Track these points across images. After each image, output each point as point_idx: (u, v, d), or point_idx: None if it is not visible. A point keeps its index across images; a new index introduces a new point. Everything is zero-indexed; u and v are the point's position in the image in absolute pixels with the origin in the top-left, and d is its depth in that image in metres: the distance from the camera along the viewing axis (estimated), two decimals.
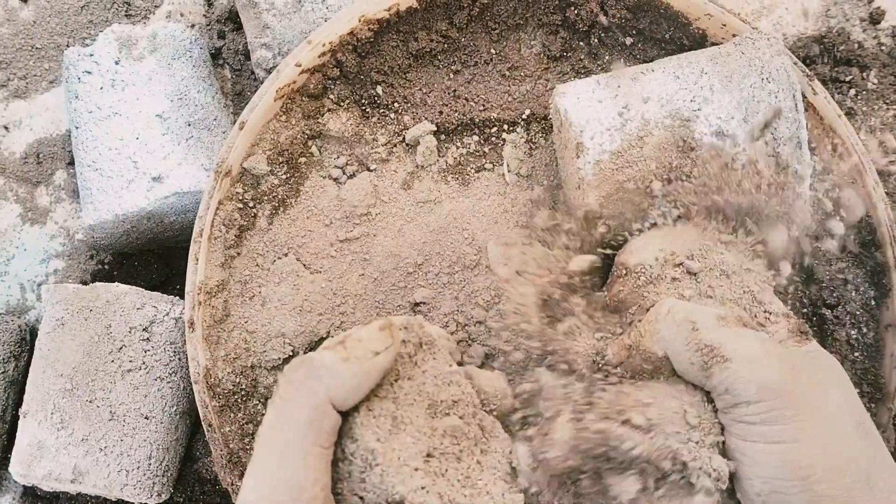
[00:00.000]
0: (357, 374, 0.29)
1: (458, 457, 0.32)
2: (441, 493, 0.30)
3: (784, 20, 0.56)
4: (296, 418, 0.28)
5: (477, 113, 0.47)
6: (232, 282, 0.45)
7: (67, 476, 0.45)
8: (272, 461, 0.28)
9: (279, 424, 0.29)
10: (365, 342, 0.30)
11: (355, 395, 0.30)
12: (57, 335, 0.47)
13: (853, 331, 0.45)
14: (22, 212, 0.56)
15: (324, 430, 0.29)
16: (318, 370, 0.29)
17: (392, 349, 0.31)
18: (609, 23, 0.47)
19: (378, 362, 0.30)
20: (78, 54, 0.50)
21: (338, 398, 0.29)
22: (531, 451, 0.34)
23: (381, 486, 0.29)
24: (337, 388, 0.29)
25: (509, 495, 0.32)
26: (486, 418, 0.34)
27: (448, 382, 0.33)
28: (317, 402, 0.29)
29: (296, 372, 0.29)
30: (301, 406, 0.28)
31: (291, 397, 0.29)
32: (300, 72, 0.45)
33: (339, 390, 0.29)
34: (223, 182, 0.45)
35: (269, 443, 0.29)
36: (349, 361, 0.29)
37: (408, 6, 0.46)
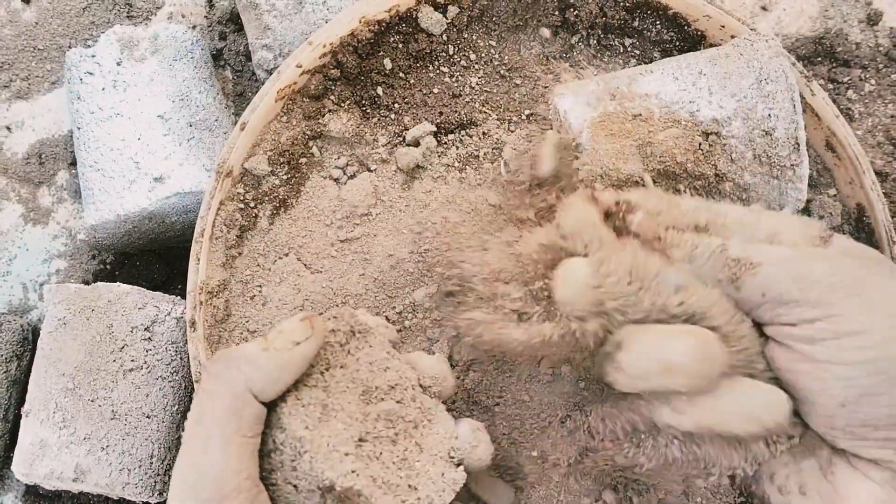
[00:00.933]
0: (277, 364, 0.30)
1: (393, 440, 0.33)
2: (374, 476, 0.31)
3: (782, 21, 0.56)
4: (216, 409, 0.29)
5: (477, 114, 0.47)
6: (233, 282, 0.45)
7: (69, 475, 0.45)
8: (195, 452, 0.28)
9: (200, 416, 0.29)
10: (285, 333, 0.31)
11: (276, 384, 0.30)
12: (59, 335, 0.47)
13: None
14: (24, 212, 0.57)
15: (245, 419, 0.29)
16: (236, 360, 0.29)
17: (314, 339, 0.31)
18: (608, 24, 0.47)
19: (299, 352, 0.30)
20: (80, 55, 0.51)
21: (258, 388, 0.29)
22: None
23: (311, 473, 0.30)
24: (256, 377, 0.29)
25: (449, 474, 0.33)
26: (427, 401, 0.35)
27: (384, 368, 0.34)
28: (236, 391, 0.29)
29: (216, 364, 0.30)
30: (221, 396, 0.29)
31: (211, 389, 0.29)
32: (301, 73, 0.45)
33: (258, 380, 0.29)
34: (224, 182, 0.45)
35: (193, 435, 0.29)
36: (269, 351, 0.30)
37: (408, 7, 0.46)
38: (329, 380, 0.32)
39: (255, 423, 0.30)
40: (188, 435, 0.29)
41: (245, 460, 0.29)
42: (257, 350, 0.30)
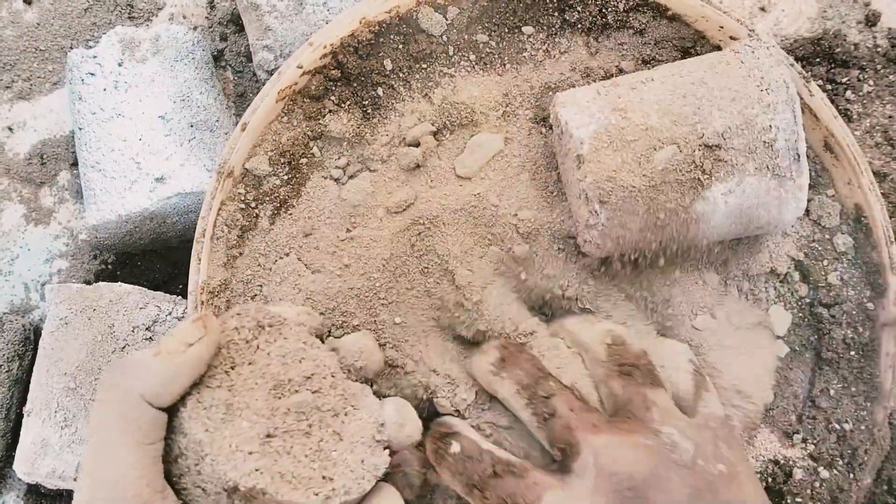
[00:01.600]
0: (168, 368, 0.29)
1: (306, 432, 0.32)
2: (282, 472, 0.30)
3: (781, 22, 0.57)
4: (108, 418, 0.28)
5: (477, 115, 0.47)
6: (234, 281, 0.45)
7: (71, 474, 0.46)
8: (92, 462, 0.28)
9: (95, 426, 0.29)
10: (177, 335, 0.30)
11: (170, 388, 0.29)
12: (60, 334, 0.47)
13: (849, 330, 0.45)
14: (26, 212, 0.57)
15: (141, 427, 0.28)
16: (126, 368, 0.29)
17: (207, 340, 0.30)
18: (608, 24, 0.47)
19: (192, 354, 0.30)
20: (81, 56, 0.51)
21: (150, 394, 0.29)
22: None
23: (214, 476, 0.29)
24: (147, 383, 0.29)
25: (370, 460, 0.33)
26: (351, 386, 0.35)
27: (299, 359, 0.34)
28: (127, 399, 0.28)
29: (108, 373, 0.29)
30: (112, 405, 0.28)
31: (104, 398, 0.29)
32: (301, 73, 0.45)
33: (149, 385, 0.29)
34: (225, 183, 0.45)
35: (91, 444, 0.29)
36: (159, 356, 0.29)
37: (408, 8, 0.46)
38: (235, 378, 0.32)
39: (152, 429, 0.29)
40: (88, 444, 0.29)
41: (144, 467, 0.28)
42: (148, 356, 0.29)
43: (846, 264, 0.46)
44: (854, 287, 0.46)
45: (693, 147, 0.39)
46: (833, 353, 0.45)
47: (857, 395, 0.45)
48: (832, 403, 0.45)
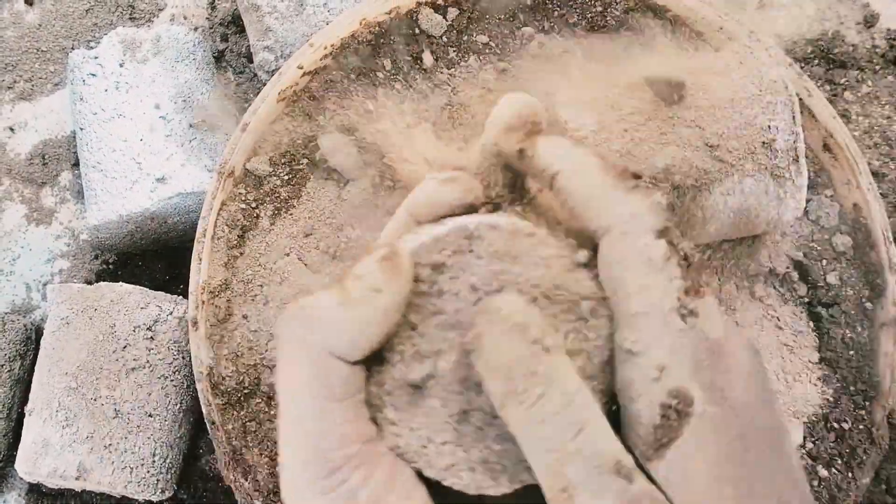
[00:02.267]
0: (357, 321, 0.25)
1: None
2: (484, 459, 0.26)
3: (780, 22, 0.57)
4: (300, 376, 0.25)
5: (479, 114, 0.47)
6: (235, 281, 0.45)
7: (72, 473, 0.46)
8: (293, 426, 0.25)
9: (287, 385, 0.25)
10: (364, 279, 0.25)
11: (363, 344, 0.25)
12: (62, 334, 0.47)
13: (848, 330, 0.46)
14: (27, 212, 0.57)
15: (334, 386, 0.25)
16: (311, 320, 0.25)
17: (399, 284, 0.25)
18: (608, 25, 0.47)
19: (382, 304, 0.25)
20: (82, 57, 0.51)
21: (339, 350, 0.25)
22: None
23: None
24: (335, 339, 0.25)
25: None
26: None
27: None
28: (314, 358, 0.25)
29: (290, 324, 0.25)
30: (301, 362, 0.25)
31: (288, 353, 0.25)
32: (302, 74, 0.46)
33: (338, 342, 0.25)
34: (226, 183, 0.45)
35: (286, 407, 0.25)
36: (346, 305, 0.24)
37: (408, 9, 0.46)
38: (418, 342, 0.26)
39: (345, 386, 0.25)
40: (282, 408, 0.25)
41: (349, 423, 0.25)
42: (333, 304, 0.24)
43: (845, 264, 0.46)
44: (853, 287, 0.46)
45: (692, 147, 0.39)
46: (832, 353, 0.46)
47: (856, 394, 0.45)
48: (831, 403, 0.45)
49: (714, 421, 0.25)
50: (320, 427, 0.24)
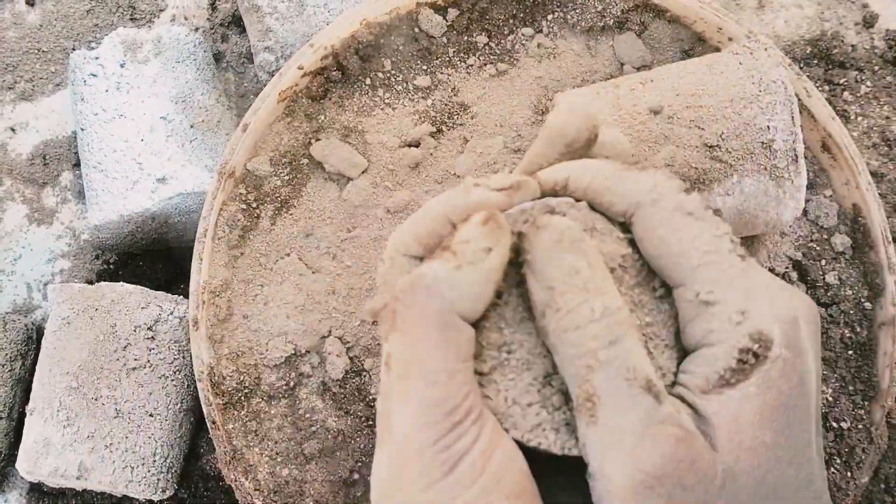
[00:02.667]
0: (475, 280, 0.27)
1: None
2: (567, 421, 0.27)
3: (779, 23, 0.57)
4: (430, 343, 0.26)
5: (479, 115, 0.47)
6: (235, 281, 0.45)
7: (73, 473, 0.46)
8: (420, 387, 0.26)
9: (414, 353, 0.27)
10: (473, 243, 0.27)
11: (481, 301, 0.27)
12: (63, 334, 0.47)
13: (847, 329, 0.46)
14: (28, 212, 0.57)
15: (462, 345, 0.27)
16: (436, 287, 0.26)
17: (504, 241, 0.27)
18: (607, 25, 0.47)
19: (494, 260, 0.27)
20: (84, 57, 0.51)
21: (464, 310, 0.27)
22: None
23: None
24: (460, 300, 0.26)
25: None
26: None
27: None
28: (445, 320, 0.26)
29: (412, 294, 0.27)
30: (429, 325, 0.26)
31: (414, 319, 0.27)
32: (302, 74, 0.46)
33: (462, 302, 0.26)
34: (226, 183, 0.45)
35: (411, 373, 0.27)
36: (463, 268, 0.26)
37: (408, 9, 0.46)
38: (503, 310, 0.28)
39: (469, 346, 0.27)
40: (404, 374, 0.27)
41: (469, 384, 0.27)
42: (450, 269, 0.26)
43: (844, 264, 0.46)
44: (852, 287, 0.46)
45: (691, 147, 0.39)
46: (831, 353, 0.46)
47: (855, 393, 0.45)
48: (830, 402, 0.45)
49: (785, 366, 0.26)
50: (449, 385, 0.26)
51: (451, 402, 0.26)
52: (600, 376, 0.26)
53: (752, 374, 0.26)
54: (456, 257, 0.27)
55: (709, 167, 0.40)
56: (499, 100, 0.47)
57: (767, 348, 0.26)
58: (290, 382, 0.44)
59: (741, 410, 0.26)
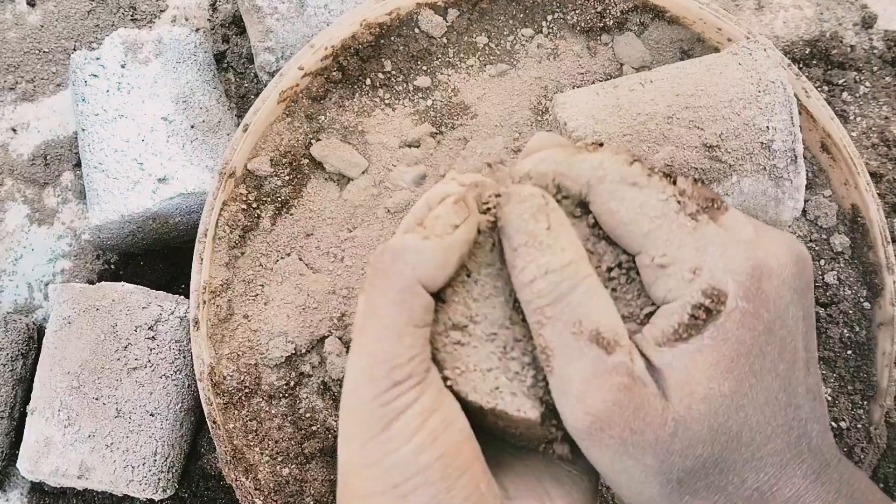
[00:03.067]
0: (440, 251, 0.29)
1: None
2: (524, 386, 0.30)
3: (778, 23, 0.57)
4: (386, 301, 0.29)
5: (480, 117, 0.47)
6: (236, 281, 0.46)
7: (74, 472, 0.46)
8: (369, 343, 0.29)
9: (372, 310, 0.29)
10: (442, 217, 0.29)
11: (443, 271, 0.29)
12: (64, 334, 0.48)
13: (846, 329, 0.46)
14: (29, 212, 0.57)
15: (415, 310, 0.29)
16: (402, 253, 0.29)
17: (471, 219, 0.30)
18: (607, 26, 0.47)
19: (459, 236, 0.29)
20: (84, 58, 0.51)
21: (425, 277, 0.29)
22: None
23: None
24: (423, 267, 0.29)
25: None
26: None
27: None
28: (405, 283, 0.29)
29: (381, 258, 0.29)
30: (388, 289, 0.29)
31: (377, 283, 0.29)
32: (303, 75, 0.46)
33: (425, 269, 0.29)
34: (227, 183, 0.45)
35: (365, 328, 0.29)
36: (430, 239, 0.29)
37: (408, 10, 0.46)
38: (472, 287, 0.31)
39: (424, 313, 0.29)
40: (359, 328, 0.29)
41: (417, 348, 0.29)
42: (418, 240, 0.29)
43: (843, 264, 0.46)
44: (851, 287, 0.46)
45: (691, 148, 0.40)
46: (830, 352, 0.46)
47: (854, 393, 0.45)
48: (829, 402, 0.46)
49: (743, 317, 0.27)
50: (395, 346, 0.28)
51: (395, 361, 0.28)
52: (549, 330, 0.28)
53: (705, 328, 0.27)
54: (425, 230, 0.29)
55: (708, 167, 0.40)
56: (499, 100, 0.47)
57: (721, 302, 0.27)
58: (290, 382, 0.44)
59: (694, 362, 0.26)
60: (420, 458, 0.28)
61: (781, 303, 0.27)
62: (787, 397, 0.27)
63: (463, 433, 0.29)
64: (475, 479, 0.28)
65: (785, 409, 0.27)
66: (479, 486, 0.29)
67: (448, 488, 0.28)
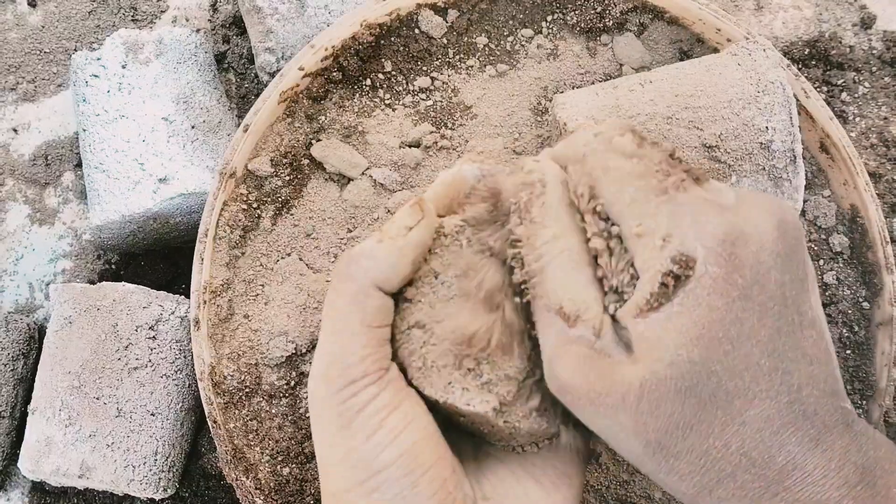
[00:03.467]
0: (392, 253, 0.30)
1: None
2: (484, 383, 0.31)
3: (777, 24, 0.57)
4: (342, 304, 0.30)
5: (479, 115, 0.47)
6: (236, 281, 0.46)
7: (75, 471, 0.46)
8: (326, 342, 0.30)
9: (329, 311, 0.31)
10: (396, 220, 0.31)
11: (396, 272, 0.30)
12: (65, 333, 0.48)
13: (845, 329, 0.46)
14: (30, 213, 0.57)
15: (368, 310, 0.30)
16: (356, 257, 0.30)
17: (425, 222, 0.31)
18: (606, 26, 0.47)
19: (412, 238, 0.31)
20: (85, 58, 0.51)
21: (380, 279, 0.30)
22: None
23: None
24: (375, 268, 0.30)
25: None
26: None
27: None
28: (358, 285, 0.30)
29: (340, 263, 0.31)
30: (345, 292, 0.30)
31: (337, 285, 0.31)
32: (303, 75, 0.46)
33: (377, 270, 0.30)
34: (228, 183, 0.45)
35: (324, 328, 0.31)
36: (382, 242, 0.30)
37: (408, 11, 0.47)
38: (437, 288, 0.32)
39: (379, 313, 0.30)
40: (322, 328, 0.31)
41: (371, 347, 0.30)
42: (373, 243, 0.31)
43: (842, 264, 0.47)
44: (850, 286, 0.46)
45: (690, 148, 0.40)
46: None
47: (853, 393, 0.45)
48: None
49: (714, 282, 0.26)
50: (348, 345, 0.30)
51: (349, 360, 0.29)
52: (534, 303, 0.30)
53: (674, 295, 0.27)
54: (381, 234, 0.31)
55: (707, 168, 0.40)
56: (499, 100, 0.47)
57: (689, 268, 0.26)
58: (290, 382, 0.45)
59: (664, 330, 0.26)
60: (382, 455, 0.29)
61: (761, 268, 0.26)
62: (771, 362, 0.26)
63: (427, 430, 0.30)
64: (441, 476, 0.29)
65: (769, 375, 0.26)
66: (446, 484, 0.29)
67: (412, 484, 0.28)
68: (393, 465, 0.29)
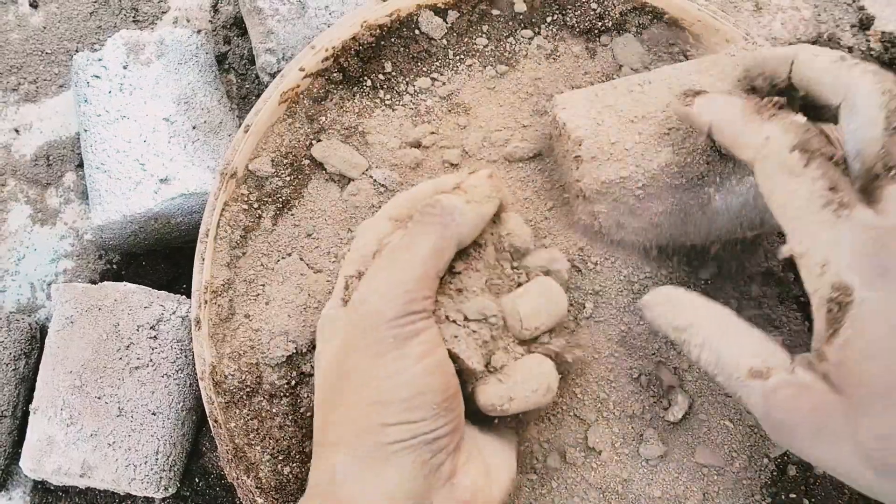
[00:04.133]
0: (477, 216, 0.34)
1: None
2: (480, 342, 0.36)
3: (775, 25, 0.57)
4: (427, 245, 0.33)
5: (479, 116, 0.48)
6: (237, 281, 0.46)
7: (76, 471, 0.46)
8: (395, 271, 0.33)
9: (407, 246, 0.34)
10: (480, 188, 0.34)
11: (472, 233, 0.34)
12: (66, 333, 0.48)
13: None
14: (32, 213, 0.58)
15: (443, 260, 0.34)
16: (451, 210, 0.33)
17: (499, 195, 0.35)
18: (606, 27, 0.48)
19: (490, 207, 0.34)
20: (87, 59, 0.51)
21: (462, 236, 0.34)
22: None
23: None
24: (463, 227, 0.34)
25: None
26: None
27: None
28: (446, 235, 0.33)
29: (433, 209, 0.34)
30: (432, 236, 0.33)
31: (423, 229, 0.33)
32: (304, 76, 0.46)
33: (464, 229, 0.34)
34: (228, 184, 0.46)
35: (396, 257, 0.34)
36: (471, 204, 0.34)
37: (409, 12, 0.47)
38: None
39: (444, 266, 0.34)
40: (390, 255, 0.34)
41: (431, 290, 0.33)
42: (461, 202, 0.34)
43: None
44: None
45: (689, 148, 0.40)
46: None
47: None
48: None
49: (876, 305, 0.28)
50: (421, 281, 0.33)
51: (414, 293, 0.33)
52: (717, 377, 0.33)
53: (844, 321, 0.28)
54: (467, 195, 0.34)
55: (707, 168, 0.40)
56: (499, 101, 0.48)
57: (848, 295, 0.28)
58: (291, 381, 0.45)
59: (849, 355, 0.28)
60: (427, 378, 0.32)
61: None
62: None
63: (450, 374, 0.34)
64: (459, 409, 0.34)
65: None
66: (461, 417, 0.34)
67: (447, 409, 0.32)
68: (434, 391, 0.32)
